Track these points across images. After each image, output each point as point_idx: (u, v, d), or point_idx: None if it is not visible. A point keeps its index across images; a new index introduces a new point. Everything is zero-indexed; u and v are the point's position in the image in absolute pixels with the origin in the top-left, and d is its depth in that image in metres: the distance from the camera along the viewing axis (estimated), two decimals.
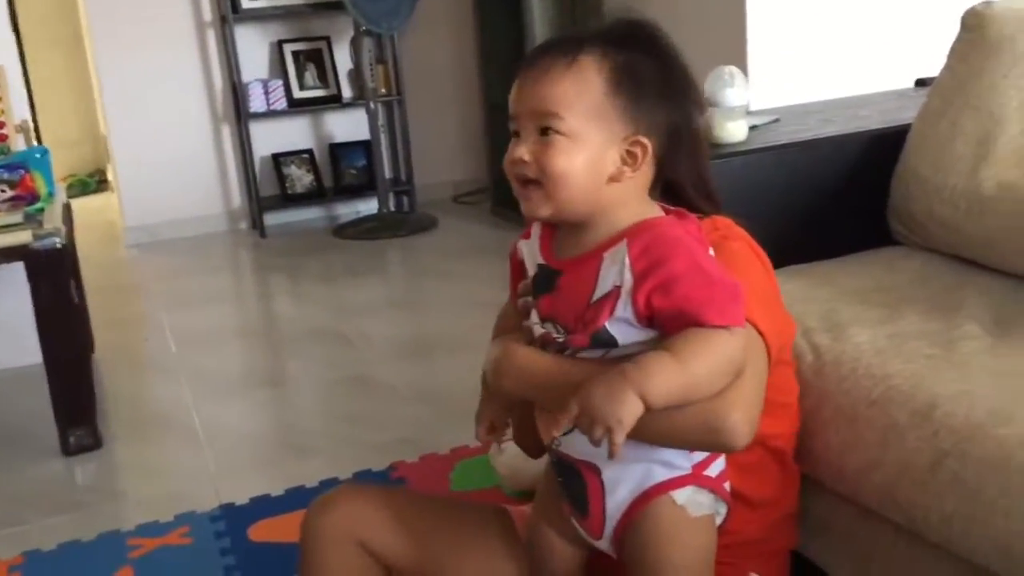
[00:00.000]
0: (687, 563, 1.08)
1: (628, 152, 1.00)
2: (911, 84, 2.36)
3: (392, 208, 4.69)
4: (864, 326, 1.44)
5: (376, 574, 1.29)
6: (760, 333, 1.10)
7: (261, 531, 2.03)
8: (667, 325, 0.99)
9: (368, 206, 4.75)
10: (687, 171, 1.14)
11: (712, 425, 1.01)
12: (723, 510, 1.12)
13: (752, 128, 1.98)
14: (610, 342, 1.01)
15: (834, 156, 1.85)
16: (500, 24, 4.43)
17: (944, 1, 2.58)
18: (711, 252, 1.03)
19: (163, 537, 2.04)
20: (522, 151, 1.00)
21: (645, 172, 1.03)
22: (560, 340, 1.04)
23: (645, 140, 1.01)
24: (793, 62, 3.16)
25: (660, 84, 1.02)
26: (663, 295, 0.97)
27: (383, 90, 4.62)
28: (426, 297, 3.72)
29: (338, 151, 4.80)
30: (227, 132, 4.69)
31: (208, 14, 4.54)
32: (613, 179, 1.00)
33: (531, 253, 1.10)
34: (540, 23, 3.96)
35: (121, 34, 4.40)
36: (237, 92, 4.51)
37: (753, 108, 2.47)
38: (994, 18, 1.71)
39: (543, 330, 1.06)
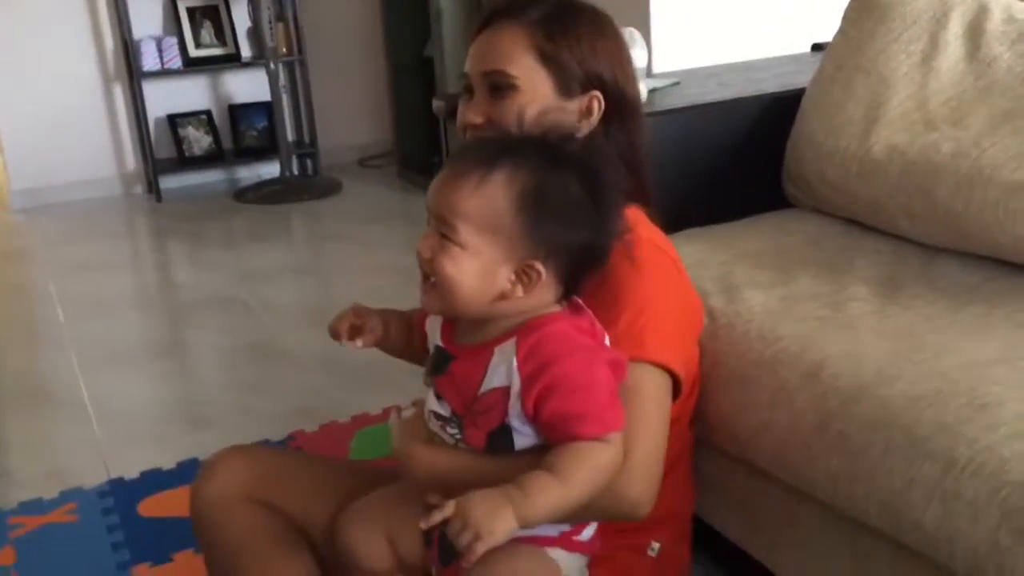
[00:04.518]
0: None
1: (523, 272, 0.99)
2: (808, 49, 2.38)
3: (295, 172, 4.57)
4: (758, 288, 1.45)
5: (280, 524, 1.25)
6: (674, 374, 1.13)
7: (151, 506, 1.96)
8: (548, 432, 1.00)
9: (270, 169, 4.61)
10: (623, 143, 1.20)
11: (613, 508, 1.06)
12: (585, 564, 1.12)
13: (652, 91, 1.97)
14: (507, 446, 1.02)
15: (732, 119, 1.85)
16: None
17: None
18: (606, 341, 1.05)
19: (47, 515, 1.95)
20: (422, 246, 1.01)
21: (543, 292, 1.02)
22: (456, 438, 1.05)
23: (540, 266, 0.99)
24: (695, 25, 3.17)
25: (572, 207, 1.00)
26: (545, 401, 0.98)
27: (284, 50, 4.47)
28: (329, 263, 3.64)
29: (238, 112, 4.64)
30: (119, 92, 4.48)
31: None
32: (503, 296, 1.00)
33: (433, 329, 1.10)
34: None
35: None
36: (129, 50, 4.31)
37: (656, 71, 2.46)
38: None
39: (438, 422, 1.06)
